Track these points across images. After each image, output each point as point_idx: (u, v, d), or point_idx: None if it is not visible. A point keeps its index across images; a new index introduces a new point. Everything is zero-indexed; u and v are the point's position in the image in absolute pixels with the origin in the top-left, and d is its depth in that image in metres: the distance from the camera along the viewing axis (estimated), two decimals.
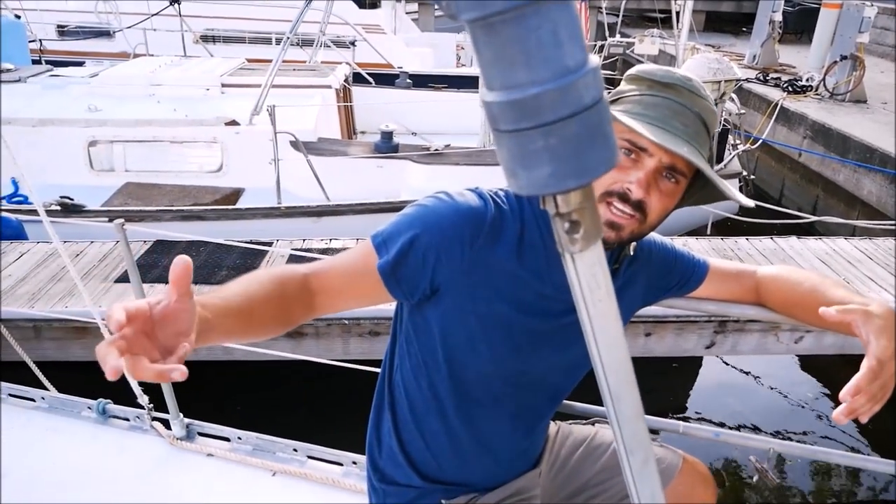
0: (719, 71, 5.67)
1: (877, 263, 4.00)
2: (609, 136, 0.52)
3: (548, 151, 0.50)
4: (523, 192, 0.53)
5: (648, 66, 1.13)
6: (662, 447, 1.63)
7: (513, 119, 0.49)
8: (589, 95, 0.49)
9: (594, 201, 0.57)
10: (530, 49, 0.47)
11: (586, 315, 0.61)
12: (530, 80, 0.48)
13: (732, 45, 13.44)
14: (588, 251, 0.58)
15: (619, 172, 1.08)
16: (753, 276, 1.46)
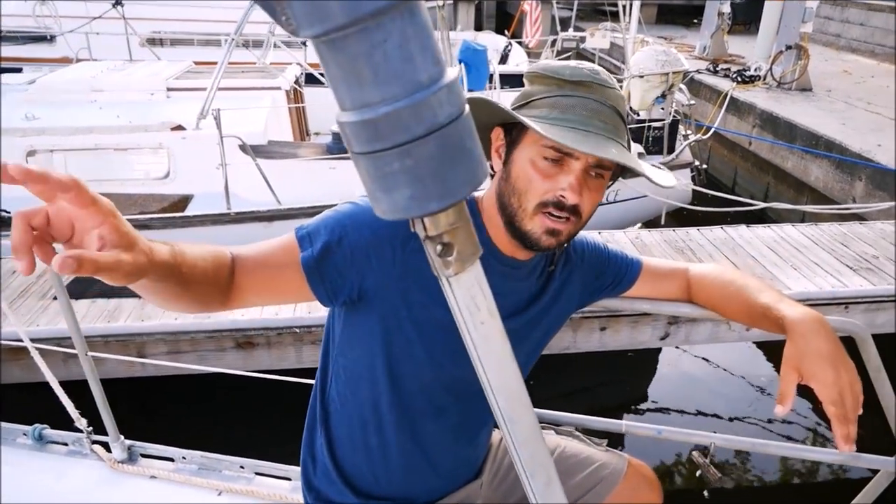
0: (667, 63, 5.74)
1: (822, 248, 4.09)
2: (472, 154, 0.49)
3: (405, 173, 0.47)
4: (386, 216, 0.50)
5: (551, 64, 1.10)
6: (607, 452, 1.62)
7: (366, 140, 0.46)
8: (445, 112, 0.46)
9: (467, 219, 0.54)
10: (377, 65, 0.44)
11: (470, 339, 0.59)
12: (380, 99, 0.45)
13: (684, 37, 13.65)
14: (465, 273, 0.55)
15: (548, 181, 1.07)
16: (685, 275, 1.46)
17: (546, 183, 1.06)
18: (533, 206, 1.08)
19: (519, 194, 1.09)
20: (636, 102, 6.06)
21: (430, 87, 0.45)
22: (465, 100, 0.49)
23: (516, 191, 1.09)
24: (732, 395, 4.65)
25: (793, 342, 1.09)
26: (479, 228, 1.19)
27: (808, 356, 1.06)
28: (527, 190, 1.08)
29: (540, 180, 1.07)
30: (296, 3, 0.42)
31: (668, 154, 6.05)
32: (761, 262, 3.91)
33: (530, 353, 1.37)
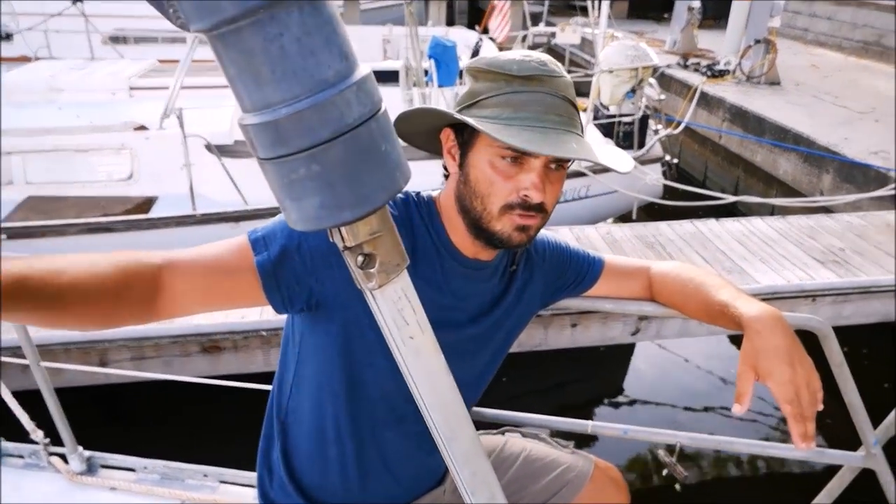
0: (636, 58, 5.75)
1: (790, 242, 4.13)
2: (389, 157, 0.45)
3: (313, 180, 0.43)
4: (298, 227, 0.46)
5: (496, 59, 1.05)
6: (574, 454, 1.60)
7: (269, 145, 0.42)
8: (354, 112, 0.42)
9: (391, 227, 0.50)
10: (274, 61, 0.39)
11: (400, 355, 0.55)
12: (281, 99, 0.40)
13: (655, 32, 13.75)
14: (391, 285, 0.52)
15: (510, 181, 1.05)
16: (647, 273, 1.45)
17: (508, 184, 1.04)
18: (498, 209, 1.05)
19: (482, 197, 1.06)
20: (606, 97, 6.07)
21: (337, 86, 0.41)
22: (379, 98, 0.45)
23: (478, 194, 1.06)
24: (704, 388, 4.69)
25: (749, 339, 1.08)
26: (438, 231, 1.16)
27: (763, 354, 1.04)
28: (489, 193, 1.05)
29: (501, 182, 1.04)
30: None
31: (638, 149, 6.07)
32: (730, 255, 3.93)
33: (495, 354, 1.34)
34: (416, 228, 1.14)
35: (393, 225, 0.50)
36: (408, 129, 1.16)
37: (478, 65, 1.06)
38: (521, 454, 1.58)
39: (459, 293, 1.20)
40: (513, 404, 1.64)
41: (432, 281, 1.16)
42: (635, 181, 5.75)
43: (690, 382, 4.71)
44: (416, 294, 0.54)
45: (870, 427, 1.58)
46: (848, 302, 3.76)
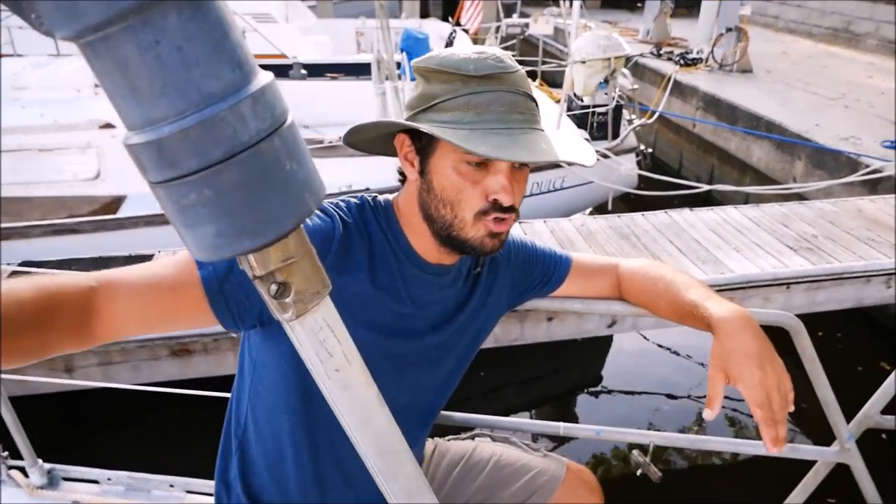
0: (609, 48, 5.72)
1: (763, 230, 4.14)
2: (294, 178, 0.40)
3: (205, 206, 0.37)
4: (196, 256, 0.41)
5: (450, 58, 1.00)
6: (545, 457, 1.57)
7: (156, 167, 0.37)
8: (250, 129, 0.37)
9: (308, 251, 0.45)
10: (151, 73, 0.34)
11: (327, 390, 0.50)
12: (162, 116, 0.35)
13: (628, 21, 13.77)
14: (310, 315, 0.47)
15: (478, 186, 1.01)
16: (615, 272, 1.42)
17: (477, 189, 1.01)
18: (471, 216, 1.02)
19: (451, 205, 1.02)
20: (579, 88, 6.04)
21: (227, 99, 0.36)
22: (282, 111, 0.40)
23: (446, 202, 1.02)
24: (683, 376, 4.71)
25: (719, 341, 1.06)
26: (397, 237, 1.12)
27: (733, 356, 1.03)
28: (458, 200, 1.01)
29: (470, 188, 1.00)
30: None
31: (612, 139, 6.06)
32: (704, 245, 3.93)
33: (461, 359, 1.31)
34: (373, 235, 1.10)
35: (311, 248, 0.46)
36: (362, 137, 1.11)
37: (428, 65, 1.00)
38: (491, 459, 1.55)
39: (421, 301, 1.16)
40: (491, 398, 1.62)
41: (391, 290, 1.12)
42: (610, 172, 5.74)
43: (669, 372, 4.73)
44: (341, 322, 0.49)
45: (843, 422, 1.57)
46: (821, 289, 3.78)
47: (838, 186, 5.41)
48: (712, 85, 8.12)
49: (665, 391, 4.54)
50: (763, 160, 6.75)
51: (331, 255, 1.02)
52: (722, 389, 1.02)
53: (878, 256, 3.83)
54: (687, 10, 14.02)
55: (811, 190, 5.52)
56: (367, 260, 1.08)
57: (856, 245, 3.97)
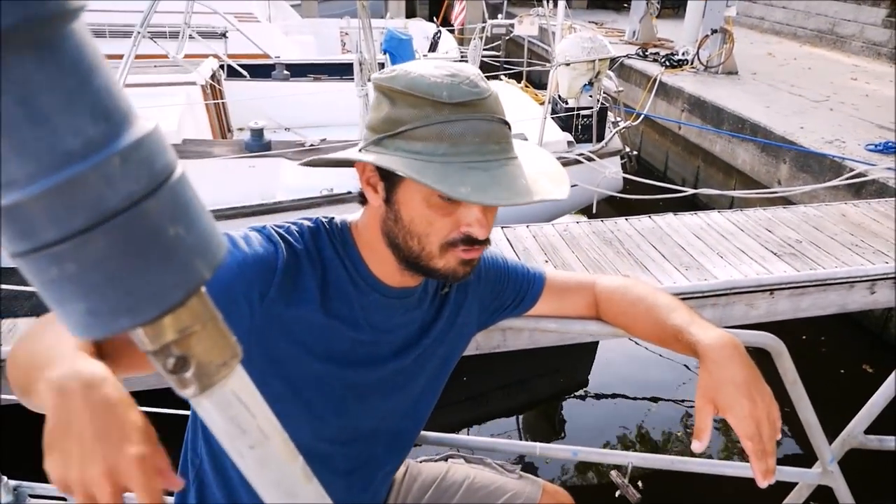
0: (593, 50, 5.68)
1: (748, 235, 4.10)
2: (181, 244, 0.34)
3: (70, 282, 0.31)
4: (72, 333, 0.35)
5: (418, 81, 0.91)
6: (521, 479, 1.53)
7: (12, 237, 0.31)
8: (118, 193, 0.30)
9: (211, 316, 0.39)
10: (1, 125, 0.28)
11: (243, 467, 0.44)
12: (11, 179, 0.29)
13: (615, 22, 13.76)
14: (217, 389, 0.40)
15: (449, 218, 0.95)
16: (592, 290, 1.37)
17: (448, 221, 0.95)
18: (438, 248, 0.96)
19: (419, 237, 0.96)
20: (564, 91, 6.00)
21: (89, 158, 0.29)
22: (166, 165, 0.33)
23: (414, 234, 0.96)
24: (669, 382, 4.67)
25: (706, 371, 1.02)
26: (354, 261, 1.05)
27: (722, 387, 1.00)
28: (428, 232, 0.95)
29: (441, 220, 0.94)
30: None
31: (597, 142, 6.01)
32: (688, 250, 3.88)
33: (432, 381, 1.25)
34: (326, 261, 1.03)
35: (215, 314, 0.39)
36: (329, 162, 1.06)
37: (394, 85, 0.92)
38: (465, 482, 1.50)
39: (381, 326, 1.10)
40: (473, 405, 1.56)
41: (348, 318, 1.05)
42: (595, 175, 5.70)
43: (655, 376, 4.69)
44: (256, 393, 0.43)
45: (826, 444, 1.52)
46: (805, 294, 3.74)
47: (823, 190, 5.39)
48: (698, 87, 8.10)
49: (651, 395, 4.51)
50: (748, 163, 6.73)
51: (273, 286, 0.95)
52: (710, 421, 0.99)
53: (861, 262, 3.80)
54: (673, 10, 14.06)
55: (796, 193, 5.50)
56: (318, 288, 1.02)
57: (839, 251, 3.93)
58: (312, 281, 1.01)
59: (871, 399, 1.60)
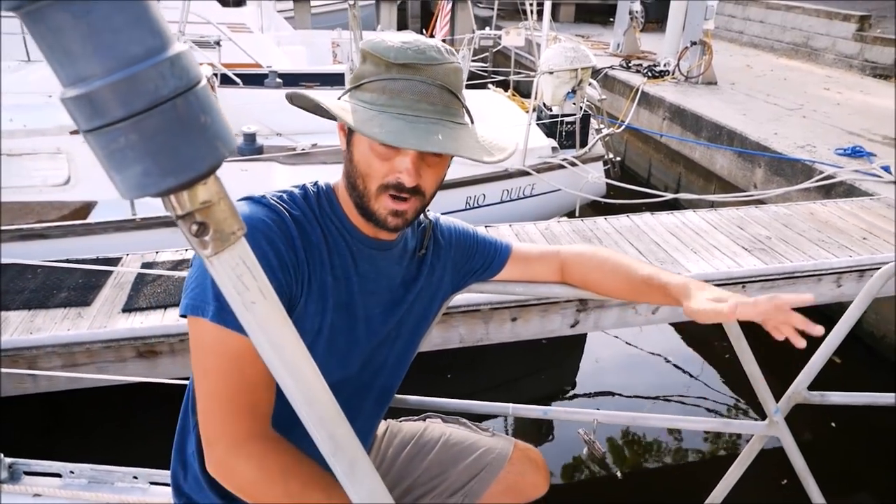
0: (575, 59, 5.87)
1: (720, 232, 4.28)
2: (209, 128, 0.49)
3: (132, 149, 0.46)
4: (125, 196, 0.49)
5: (382, 42, 1.08)
6: (493, 436, 1.63)
7: (87, 116, 0.45)
8: (169, 85, 0.46)
9: (224, 196, 0.54)
10: (84, 38, 0.43)
11: (245, 321, 0.58)
12: (93, 73, 0.44)
13: (600, 35, 14.02)
14: (227, 252, 0.54)
15: (386, 163, 1.08)
16: (557, 257, 1.49)
17: (384, 165, 1.08)
18: (375, 188, 1.10)
19: (362, 176, 1.10)
20: (548, 98, 6.18)
21: (148, 60, 0.45)
22: (197, 74, 0.48)
23: (359, 173, 1.10)
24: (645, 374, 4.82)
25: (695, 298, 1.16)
26: (340, 217, 1.19)
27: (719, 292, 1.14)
28: (368, 173, 1.09)
29: (378, 163, 1.08)
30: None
31: (580, 148, 6.20)
32: (663, 246, 4.05)
33: (412, 337, 1.37)
34: (319, 219, 1.16)
35: (227, 195, 0.53)
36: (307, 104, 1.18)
37: (366, 46, 1.09)
38: (441, 438, 1.61)
39: (369, 275, 1.22)
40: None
41: (346, 270, 1.18)
42: (578, 180, 5.88)
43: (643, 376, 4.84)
44: (256, 262, 0.56)
45: (770, 396, 1.67)
46: (775, 288, 3.92)
47: (795, 192, 5.60)
48: (678, 96, 8.33)
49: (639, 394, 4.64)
50: (726, 168, 6.94)
51: (299, 251, 1.09)
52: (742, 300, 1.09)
53: (827, 256, 3.99)
54: (656, 23, 14.33)
55: (770, 196, 5.70)
56: (324, 245, 1.16)
57: (807, 246, 4.12)
58: (320, 239, 1.15)
59: (813, 357, 1.75)
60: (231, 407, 1.00)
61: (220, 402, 1.00)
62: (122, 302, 3.31)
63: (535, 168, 5.73)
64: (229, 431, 0.99)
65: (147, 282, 3.49)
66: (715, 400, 4.44)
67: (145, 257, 3.77)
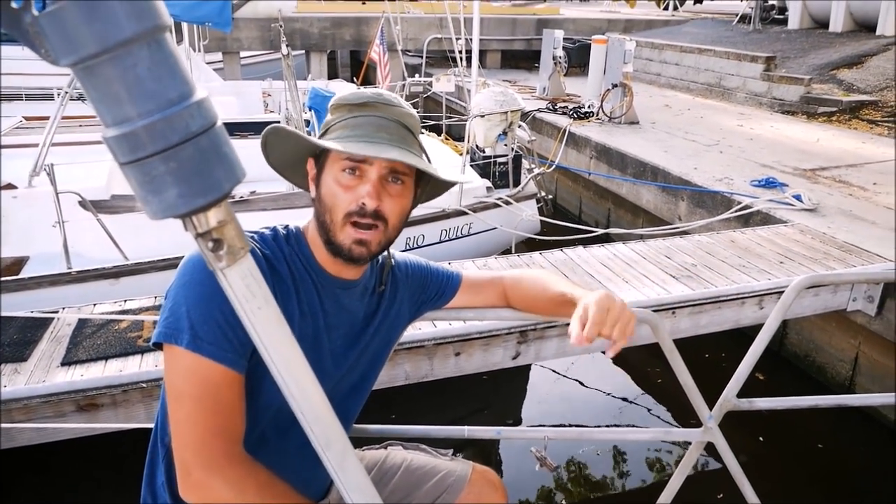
0: (504, 103, 6.14)
1: (649, 262, 4.52)
2: (229, 157, 0.59)
3: (170, 175, 0.55)
4: (158, 216, 0.57)
5: (345, 93, 1.24)
6: (453, 460, 1.71)
7: (130, 150, 0.54)
8: (197, 123, 0.56)
9: (233, 218, 0.63)
10: (130, 86, 0.52)
11: (250, 324, 0.66)
12: (137, 114, 0.53)
13: (527, 80, 14.59)
14: (237, 265, 0.64)
15: (349, 192, 1.19)
16: (501, 282, 1.61)
17: (348, 194, 1.19)
18: (340, 218, 1.20)
19: (329, 210, 1.21)
20: (480, 140, 6.42)
21: (181, 103, 0.54)
22: (215, 114, 0.58)
23: (326, 208, 1.21)
24: (590, 400, 4.97)
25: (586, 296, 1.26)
26: (307, 256, 1.28)
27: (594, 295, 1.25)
28: (333, 204, 1.20)
29: (343, 193, 1.20)
30: (53, 37, 0.50)
31: (514, 187, 6.43)
32: (597, 277, 4.25)
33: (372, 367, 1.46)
34: (288, 258, 1.25)
35: (235, 217, 0.63)
36: (277, 159, 1.29)
37: (333, 101, 1.25)
38: (403, 464, 1.68)
39: (333, 312, 1.32)
40: None
41: (311, 308, 1.27)
42: (513, 218, 6.09)
43: (586, 408, 4.97)
44: (259, 273, 0.66)
45: (703, 404, 1.81)
46: (703, 312, 4.15)
47: (717, 223, 5.95)
48: (603, 136, 8.75)
49: (582, 423, 4.78)
50: (651, 202, 7.31)
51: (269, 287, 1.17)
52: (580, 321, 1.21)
53: (748, 280, 4.27)
54: (579, 68, 15.03)
55: (694, 227, 6.04)
56: (292, 283, 1.24)
57: (729, 271, 4.40)
58: (288, 278, 1.24)
59: (740, 367, 1.91)
60: (205, 430, 1.06)
61: (195, 426, 1.06)
62: (60, 356, 3.23)
63: (471, 207, 5.91)
64: (205, 454, 1.04)
65: (86, 335, 3.43)
66: (656, 415, 4.63)
67: (82, 311, 3.69)
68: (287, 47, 6.06)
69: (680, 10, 23.22)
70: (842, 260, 4.66)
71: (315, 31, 16.04)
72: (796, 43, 13.25)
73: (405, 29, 13.17)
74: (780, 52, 12.45)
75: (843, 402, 2.54)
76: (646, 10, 24.77)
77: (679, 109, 11.09)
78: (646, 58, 14.38)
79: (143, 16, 0.51)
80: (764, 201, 5.91)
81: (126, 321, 3.54)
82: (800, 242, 5.00)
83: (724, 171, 7.09)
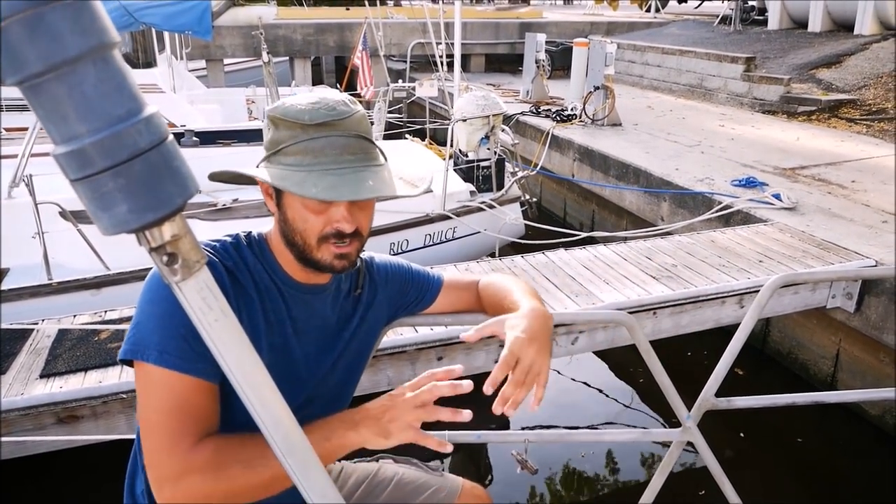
0: (486, 107, 6.16)
1: (630, 263, 4.55)
2: (179, 171, 0.59)
3: (120, 191, 0.56)
4: (109, 232, 0.58)
5: (292, 107, 1.16)
6: (443, 476, 1.71)
7: (79, 168, 0.55)
8: (146, 139, 0.56)
9: (188, 231, 0.63)
10: (77, 103, 0.53)
11: (208, 336, 0.67)
12: (85, 131, 0.54)
13: (510, 83, 14.64)
14: (192, 279, 0.64)
15: (321, 216, 1.17)
16: (476, 286, 1.61)
17: (320, 219, 1.17)
18: (315, 241, 1.18)
19: (300, 233, 1.19)
20: (463, 145, 6.44)
21: (129, 120, 0.55)
22: (166, 129, 0.59)
23: (296, 230, 1.19)
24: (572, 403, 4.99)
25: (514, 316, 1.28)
26: (271, 264, 1.27)
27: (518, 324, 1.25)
28: (305, 228, 1.18)
29: (314, 218, 1.17)
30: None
31: (497, 191, 6.45)
32: (578, 280, 4.27)
33: (351, 371, 1.45)
34: (251, 267, 1.24)
35: (190, 230, 0.63)
36: (229, 178, 1.27)
37: (275, 113, 1.17)
38: (394, 478, 1.67)
39: (303, 320, 1.31)
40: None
41: (279, 316, 1.26)
42: (497, 221, 6.11)
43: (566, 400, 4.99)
44: (216, 285, 0.66)
45: (681, 404, 1.82)
46: (684, 312, 4.19)
47: (699, 223, 6.00)
48: (586, 138, 8.80)
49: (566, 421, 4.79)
50: (634, 203, 7.35)
51: (231, 298, 1.16)
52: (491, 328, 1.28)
53: (728, 280, 4.31)
54: (563, 71, 15.08)
55: (677, 228, 6.09)
56: (256, 293, 1.24)
57: (709, 271, 4.44)
58: (251, 288, 1.23)
59: (717, 367, 1.92)
60: (176, 438, 1.06)
61: (165, 434, 1.06)
62: (39, 368, 3.21)
63: (455, 212, 5.92)
64: (176, 458, 1.05)
65: (66, 346, 3.40)
66: (642, 414, 4.67)
67: (62, 322, 3.66)
68: (268, 54, 6.07)
69: (662, 12, 23.39)
70: (820, 258, 4.71)
71: (298, 38, 16.03)
72: (776, 43, 13.40)
73: (389, 34, 13.20)
74: (760, 53, 12.59)
75: (821, 399, 2.56)
76: (628, 12, 24.95)
77: (661, 111, 11.17)
78: (628, 60, 14.48)
79: (89, 33, 0.52)
80: (744, 201, 5.97)
81: (106, 332, 3.52)
82: (779, 241, 5.05)
83: (705, 171, 7.15)
